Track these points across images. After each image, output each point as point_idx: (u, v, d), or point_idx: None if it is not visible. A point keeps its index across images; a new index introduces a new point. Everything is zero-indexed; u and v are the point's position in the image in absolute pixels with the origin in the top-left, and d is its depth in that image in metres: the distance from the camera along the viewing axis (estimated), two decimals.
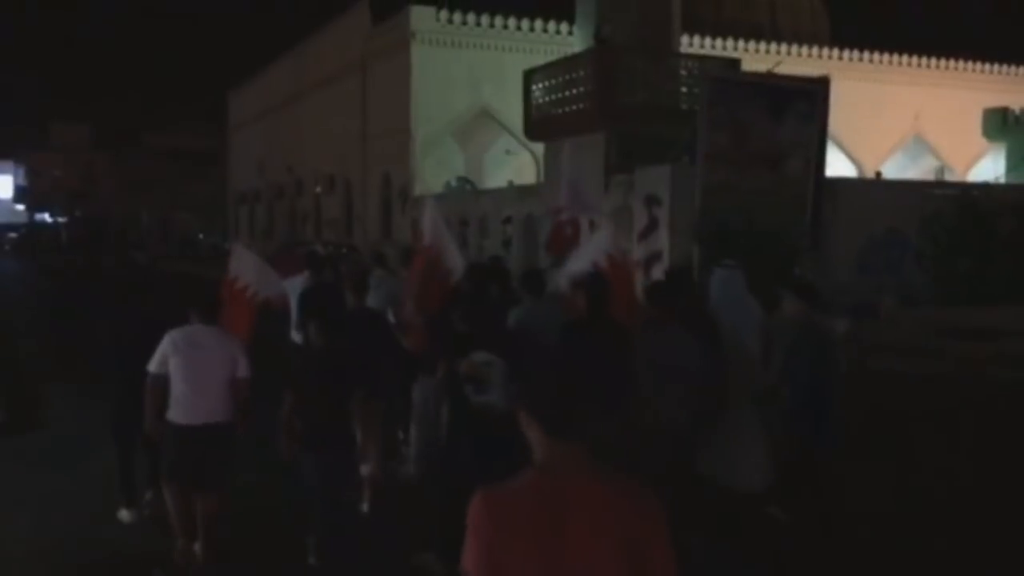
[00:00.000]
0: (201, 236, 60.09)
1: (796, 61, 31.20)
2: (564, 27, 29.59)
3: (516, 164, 31.19)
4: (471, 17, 30.28)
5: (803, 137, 16.54)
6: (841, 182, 19.92)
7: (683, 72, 19.47)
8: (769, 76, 17.69)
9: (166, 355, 5.50)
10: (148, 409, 5.57)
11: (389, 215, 32.49)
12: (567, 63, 20.55)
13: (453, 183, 30.12)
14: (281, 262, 10.08)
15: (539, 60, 22.76)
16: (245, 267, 7.12)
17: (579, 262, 6.78)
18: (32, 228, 66.61)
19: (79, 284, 25.43)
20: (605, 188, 18.75)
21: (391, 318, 7.21)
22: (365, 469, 6.28)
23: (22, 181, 79.06)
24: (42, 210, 75.24)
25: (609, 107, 18.81)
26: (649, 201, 16.99)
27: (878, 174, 32.16)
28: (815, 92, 16.77)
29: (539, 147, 22.02)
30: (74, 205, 71.63)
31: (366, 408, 5.73)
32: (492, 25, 30.42)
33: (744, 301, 6.40)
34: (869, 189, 21.25)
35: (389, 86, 31.58)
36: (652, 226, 16.92)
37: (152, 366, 5.54)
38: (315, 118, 39.41)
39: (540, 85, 21.05)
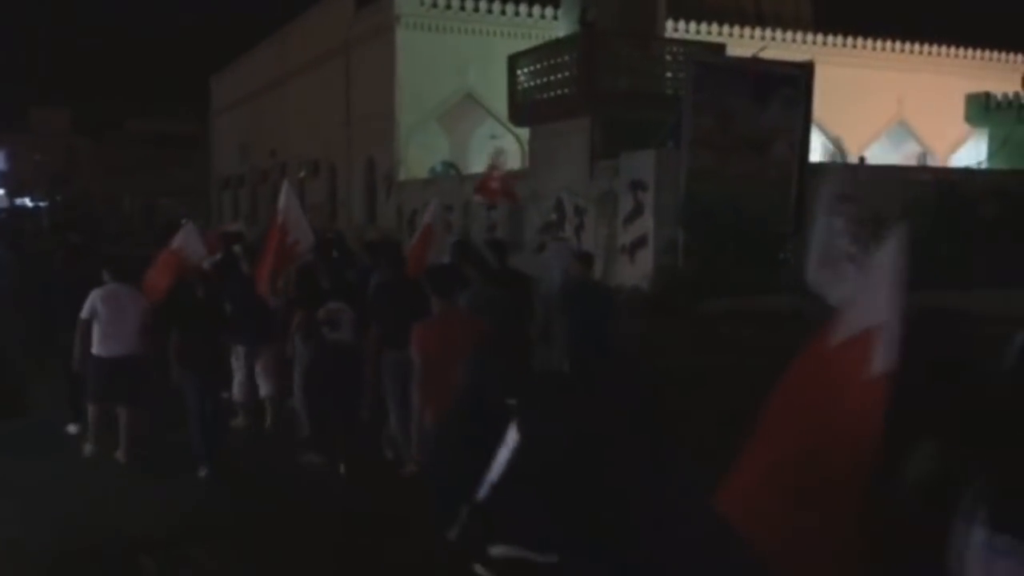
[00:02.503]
0: (184, 221, 59.54)
1: (780, 46, 31.20)
2: (549, 11, 29.46)
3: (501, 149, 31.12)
4: (456, 1, 30.10)
5: (788, 122, 16.64)
6: (825, 167, 20.00)
7: (668, 57, 19.47)
8: (754, 61, 17.75)
9: (93, 306, 7.34)
10: (76, 346, 7.44)
11: (373, 200, 32.38)
12: (552, 48, 20.50)
13: (438, 168, 29.97)
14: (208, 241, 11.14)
15: (524, 44, 22.67)
16: (191, 240, 9.14)
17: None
18: (13, 213, 65.95)
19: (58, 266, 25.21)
20: (590, 173, 18.78)
21: None
22: (237, 394, 8.45)
23: (2, 165, 78.26)
24: (23, 195, 74.48)
25: (594, 92, 18.80)
26: (634, 186, 17.03)
27: (862, 159, 32.31)
28: (799, 77, 16.86)
29: (524, 132, 21.96)
30: (56, 190, 70.98)
31: (259, 350, 8.35)
32: (477, 9, 30.22)
33: (568, 266, 8.42)
34: (853, 174, 21.33)
35: (373, 70, 31.39)
36: (637, 211, 16.99)
37: (83, 314, 7.37)
38: (299, 103, 39.14)
39: (525, 70, 20.99)
